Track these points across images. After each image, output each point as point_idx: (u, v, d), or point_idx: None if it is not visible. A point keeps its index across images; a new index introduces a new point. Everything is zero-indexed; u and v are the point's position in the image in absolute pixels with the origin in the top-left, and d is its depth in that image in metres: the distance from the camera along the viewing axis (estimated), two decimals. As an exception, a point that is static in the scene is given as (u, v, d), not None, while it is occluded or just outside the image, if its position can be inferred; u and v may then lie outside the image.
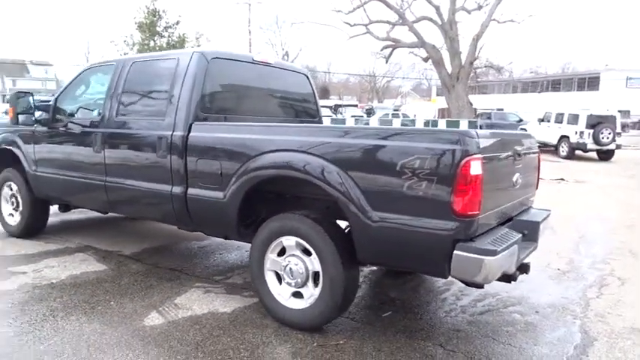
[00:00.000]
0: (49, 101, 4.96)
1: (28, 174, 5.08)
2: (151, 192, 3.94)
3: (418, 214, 2.72)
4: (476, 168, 2.61)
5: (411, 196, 2.74)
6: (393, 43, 24.53)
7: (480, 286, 3.01)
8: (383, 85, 71.61)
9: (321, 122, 5.34)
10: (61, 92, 4.97)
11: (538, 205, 3.97)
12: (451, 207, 2.62)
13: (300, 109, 5.14)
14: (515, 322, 3.51)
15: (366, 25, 24.28)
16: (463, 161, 2.59)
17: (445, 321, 3.49)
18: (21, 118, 4.83)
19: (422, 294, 4.02)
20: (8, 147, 5.29)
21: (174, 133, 3.74)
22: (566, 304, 3.88)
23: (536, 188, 3.93)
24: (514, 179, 3.23)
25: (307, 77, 5.19)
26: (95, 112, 4.54)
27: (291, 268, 3.21)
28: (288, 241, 3.22)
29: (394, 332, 3.27)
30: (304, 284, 3.19)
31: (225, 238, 3.99)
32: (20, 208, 5.32)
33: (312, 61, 76.80)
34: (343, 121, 20.35)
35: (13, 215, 5.44)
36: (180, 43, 27.58)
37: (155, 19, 27.33)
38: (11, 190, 5.41)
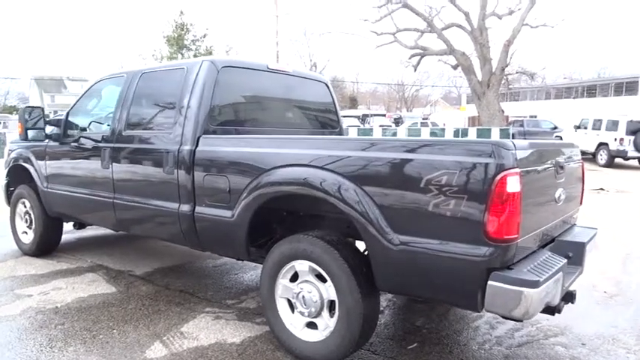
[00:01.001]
0: (61, 115, 4.82)
1: (40, 191, 4.93)
2: (158, 211, 3.70)
3: (446, 237, 2.38)
4: (513, 184, 2.26)
5: (437, 217, 2.40)
6: (422, 51, 24.00)
7: (519, 320, 2.63)
8: (411, 94, 70.83)
9: (342, 133, 5.03)
10: (73, 106, 4.81)
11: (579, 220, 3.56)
12: (484, 230, 2.27)
13: (320, 119, 4.85)
14: (558, 356, 3.10)
15: (393, 34, 23.85)
16: (498, 177, 2.24)
17: (479, 355, 3.11)
18: (31, 133, 4.70)
19: (451, 322, 3.63)
20: (22, 163, 5.17)
21: (182, 147, 3.50)
22: (616, 334, 3.44)
23: (581, 203, 3.52)
24: (556, 195, 2.85)
25: (327, 85, 4.89)
26: (105, 126, 4.35)
27: (304, 296, 2.89)
28: (301, 265, 2.90)
29: (421, 368, 2.91)
30: (319, 314, 2.86)
31: (238, 259, 3.71)
32: (33, 226, 5.17)
33: (340, 71, 76.89)
34: (370, 131, 20.05)
35: (26, 233, 5.30)
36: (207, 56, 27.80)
37: (183, 32, 27.67)
38: (25, 207, 5.28)
